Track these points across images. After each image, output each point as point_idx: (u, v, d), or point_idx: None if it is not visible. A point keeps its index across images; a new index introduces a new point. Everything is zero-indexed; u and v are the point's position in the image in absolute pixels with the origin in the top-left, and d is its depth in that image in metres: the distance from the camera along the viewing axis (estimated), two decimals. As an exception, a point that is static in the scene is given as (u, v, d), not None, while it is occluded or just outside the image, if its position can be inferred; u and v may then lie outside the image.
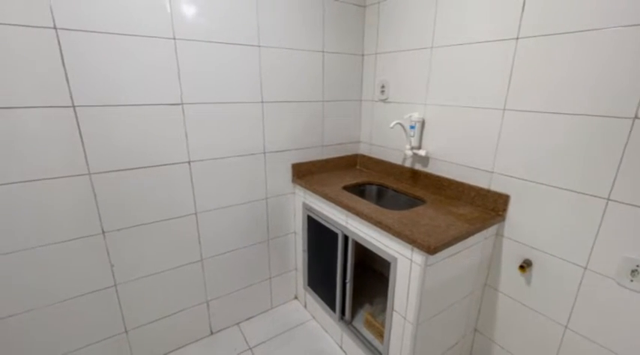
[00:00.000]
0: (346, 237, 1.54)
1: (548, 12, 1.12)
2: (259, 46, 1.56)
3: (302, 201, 1.84)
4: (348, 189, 1.70)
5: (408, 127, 1.66)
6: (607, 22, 1.00)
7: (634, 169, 1.00)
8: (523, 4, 1.18)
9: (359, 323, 1.68)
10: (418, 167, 1.73)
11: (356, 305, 1.76)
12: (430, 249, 1.09)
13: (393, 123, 1.62)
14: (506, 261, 1.41)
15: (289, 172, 1.86)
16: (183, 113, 1.43)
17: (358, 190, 1.80)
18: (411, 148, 1.66)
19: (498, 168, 1.37)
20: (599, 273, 1.12)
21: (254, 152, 1.69)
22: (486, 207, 1.42)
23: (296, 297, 2.15)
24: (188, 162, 1.50)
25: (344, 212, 1.50)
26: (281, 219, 1.91)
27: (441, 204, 1.47)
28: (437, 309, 1.31)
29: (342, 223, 1.53)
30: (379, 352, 1.48)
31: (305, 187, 1.76)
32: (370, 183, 1.85)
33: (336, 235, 1.59)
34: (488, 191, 1.41)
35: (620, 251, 1.06)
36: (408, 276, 1.22)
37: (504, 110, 1.30)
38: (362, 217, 1.37)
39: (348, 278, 1.59)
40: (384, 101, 1.87)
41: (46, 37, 1.11)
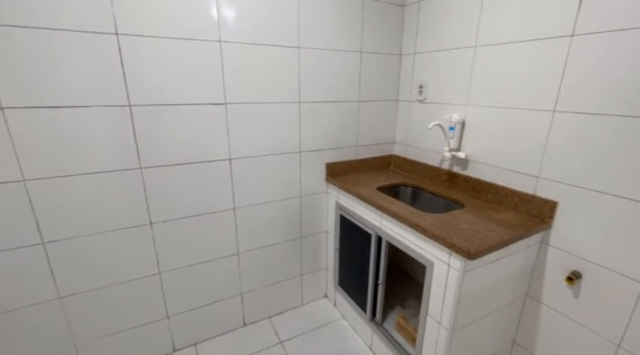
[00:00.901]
0: (380, 238, 1.54)
1: (608, 7, 1.05)
2: (299, 47, 1.59)
3: (335, 200, 1.85)
4: (383, 189, 1.69)
5: (447, 128, 1.62)
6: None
7: None
8: (580, -1, 1.11)
9: (390, 326, 1.66)
10: (456, 169, 1.68)
11: (387, 307, 1.74)
12: (470, 255, 1.06)
13: (431, 124, 1.59)
14: (551, 272, 1.33)
15: (323, 171, 1.88)
16: (226, 112, 1.50)
17: (392, 191, 1.79)
18: (450, 150, 1.62)
19: (546, 172, 1.29)
20: (661, 290, 1.03)
21: (290, 151, 1.73)
22: (530, 213, 1.35)
23: (326, 296, 2.17)
24: (229, 160, 1.57)
25: (378, 213, 1.49)
26: (314, 218, 1.94)
27: (481, 209, 1.42)
28: (473, 317, 1.27)
29: (376, 224, 1.53)
30: (411, 356, 1.45)
31: (338, 187, 1.77)
32: (405, 185, 1.82)
33: (369, 236, 1.58)
34: (534, 196, 1.34)
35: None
36: (444, 281, 1.19)
37: (554, 111, 1.23)
38: (397, 219, 1.36)
39: (380, 280, 1.58)
40: (422, 101, 1.83)
41: (109, 42, 1.21)
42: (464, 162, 1.63)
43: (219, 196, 1.60)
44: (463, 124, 1.59)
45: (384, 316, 1.71)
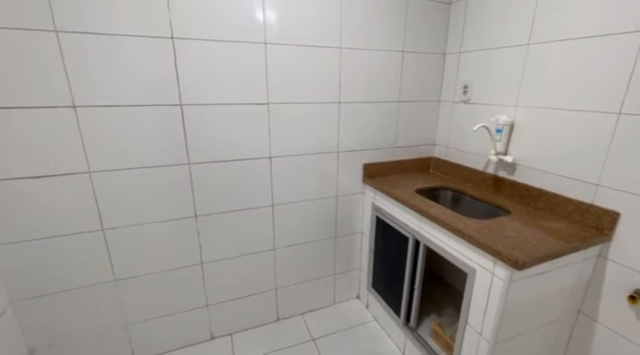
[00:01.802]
0: (417, 242, 1.50)
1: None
2: (340, 48, 1.60)
3: (371, 201, 1.84)
4: (421, 192, 1.64)
5: (493, 131, 1.54)
6: None
7: None
8: (655, -10, 1.01)
9: (424, 332, 1.62)
10: (502, 174, 1.60)
11: (421, 313, 1.70)
12: (517, 264, 1.00)
13: (477, 126, 1.52)
14: (609, 288, 1.22)
15: (360, 172, 1.88)
16: (268, 112, 1.55)
17: (432, 194, 1.73)
18: (496, 153, 1.54)
19: (606, 180, 1.19)
20: None
21: (328, 150, 1.75)
22: (587, 223, 1.25)
23: (358, 297, 2.16)
24: (269, 158, 1.61)
25: (417, 216, 1.46)
26: (349, 218, 1.94)
27: (529, 216, 1.34)
28: (518, 330, 1.20)
29: (415, 227, 1.49)
30: (446, 365, 1.41)
31: (375, 188, 1.75)
32: (445, 188, 1.76)
33: (406, 239, 1.55)
34: (591, 205, 1.23)
35: None
36: (487, 290, 1.14)
37: (620, 114, 1.13)
38: (437, 223, 1.32)
39: (416, 284, 1.55)
40: (466, 102, 1.76)
41: (166, 46, 1.30)
42: (511, 167, 1.55)
43: (259, 193, 1.65)
44: (511, 126, 1.51)
45: (419, 322, 1.66)
